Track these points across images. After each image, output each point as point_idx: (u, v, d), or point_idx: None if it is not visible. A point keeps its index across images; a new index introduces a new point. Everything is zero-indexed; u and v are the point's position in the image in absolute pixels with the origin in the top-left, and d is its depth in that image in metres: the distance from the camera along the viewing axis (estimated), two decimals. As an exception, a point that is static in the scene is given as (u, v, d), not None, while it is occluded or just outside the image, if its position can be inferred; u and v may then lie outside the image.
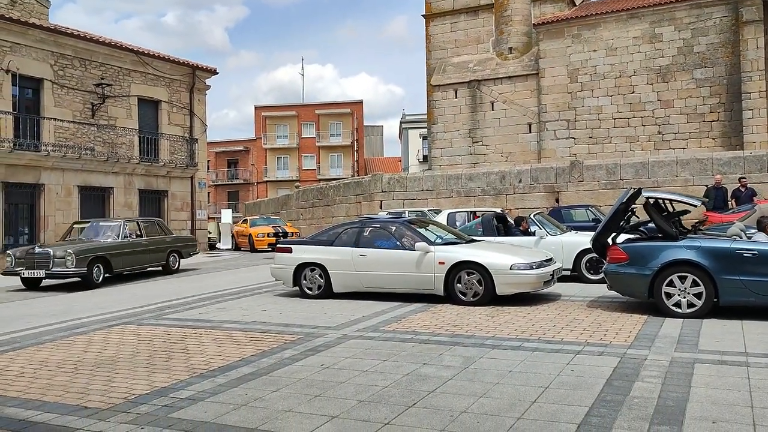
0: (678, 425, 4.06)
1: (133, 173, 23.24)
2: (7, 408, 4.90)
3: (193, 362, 6.18)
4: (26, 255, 13.72)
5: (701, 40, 25.56)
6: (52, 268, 13.32)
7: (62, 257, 13.33)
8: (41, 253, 13.54)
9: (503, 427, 4.10)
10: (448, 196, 20.92)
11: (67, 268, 13.29)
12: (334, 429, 4.18)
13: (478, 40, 31.08)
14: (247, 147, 59.76)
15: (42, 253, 13.52)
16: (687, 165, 17.85)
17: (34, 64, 20.39)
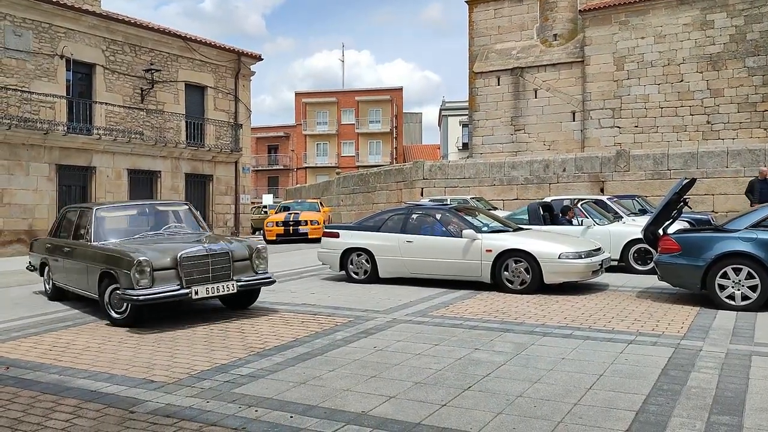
0: (739, 415, 4.04)
1: (180, 157, 23.72)
2: (78, 379, 5.14)
3: (249, 341, 6.36)
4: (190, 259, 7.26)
5: (755, 27, 24.79)
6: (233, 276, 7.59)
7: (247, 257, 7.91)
8: (220, 253, 7.51)
9: (560, 413, 4.15)
10: (491, 184, 20.83)
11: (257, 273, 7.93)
12: (392, 408, 4.28)
13: (521, 26, 30.70)
14: (287, 133, 60.27)
15: (221, 253, 7.52)
16: (738, 156, 17.42)
17: (87, 49, 20.92)
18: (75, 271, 8.29)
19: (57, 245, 9.04)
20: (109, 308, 7.37)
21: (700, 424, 3.89)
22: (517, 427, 3.91)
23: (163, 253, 7.19)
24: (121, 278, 7.05)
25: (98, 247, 7.82)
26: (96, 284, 7.55)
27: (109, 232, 8.18)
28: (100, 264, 7.52)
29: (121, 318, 7.25)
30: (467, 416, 4.10)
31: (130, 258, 6.97)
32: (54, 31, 19.99)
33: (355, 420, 4.07)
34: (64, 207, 10.22)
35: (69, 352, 6.10)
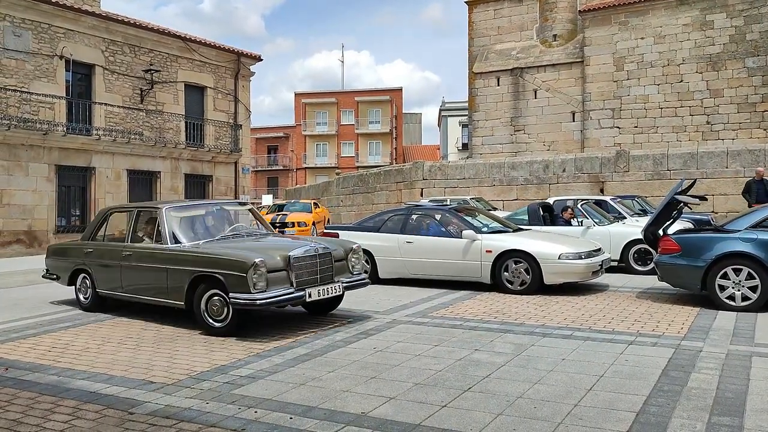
0: (739, 416, 4.04)
1: (180, 158, 23.71)
2: (77, 381, 5.12)
3: (248, 342, 6.35)
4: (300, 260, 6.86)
5: (754, 27, 24.79)
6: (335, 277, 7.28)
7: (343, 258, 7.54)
8: (324, 253, 7.14)
9: (561, 414, 4.14)
10: (491, 184, 20.81)
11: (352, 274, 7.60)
12: (392, 410, 4.27)
13: (521, 27, 30.70)
14: (287, 133, 60.26)
15: (325, 253, 7.15)
16: (738, 156, 17.41)
17: (86, 50, 20.91)
18: (143, 278, 7.51)
19: (106, 249, 8.19)
20: (206, 316, 6.75)
21: (701, 425, 3.88)
22: (517, 428, 3.90)
23: (273, 254, 6.69)
24: (230, 282, 6.42)
25: (188, 250, 7.09)
26: (183, 291, 6.89)
27: (187, 233, 7.49)
28: (193, 268, 6.83)
29: (222, 326, 6.64)
30: (467, 417, 4.09)
31: (245, 260, 6.40)
32: (53, 32, 19.98)
33: (355, 421, 4.06)
34: (105, 208, 9.07)
35: (68, 353, 6.09)
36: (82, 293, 8.60)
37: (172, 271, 7.10)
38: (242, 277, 6.35)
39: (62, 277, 8.97)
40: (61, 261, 9.04)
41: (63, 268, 8.96)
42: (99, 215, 8.90)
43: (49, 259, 9.37)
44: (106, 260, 8.13)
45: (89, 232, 8.83)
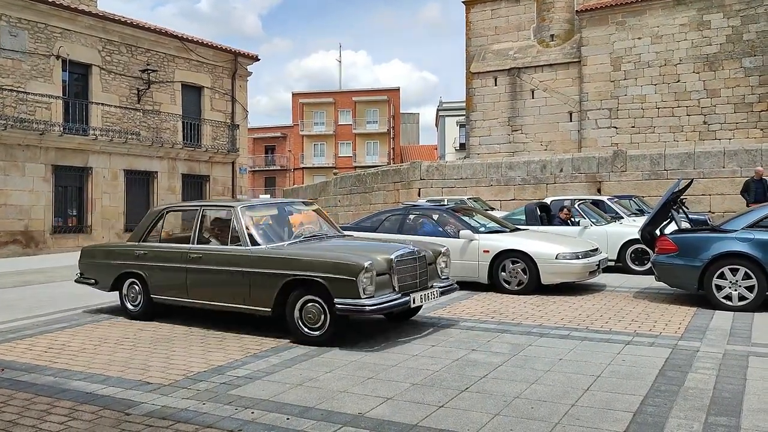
0: (736, 416, 4.04)
1: (177, 158, 23.68)
2: (73, 381, 5.11)
3: (245, 342, 6.34)
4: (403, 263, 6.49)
5: (751, 27, 24.82)
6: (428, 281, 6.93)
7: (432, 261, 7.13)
8: (421, 256, 6.76)
9: (558, 414, 4.14)
10: (488, 184, 20.81)
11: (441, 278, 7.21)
12: (389, 410, 4.26)
13: (519, 27, 30.71)
14: (284, 133, 60.22)
15: (421, 256, 6.76)
16: (735, 156, 17.43)
17: (83, 50, 20.87)
18: (217, 283, 6.91)
19: (166, 252, 7.49)
20: (299, 324, 6.25)
21: (698, 425, 3.89)
22: (514, 428, 3.90)
23: (376, 257, 6.20)
24: (336, 287, 5.95)
25: (277, 253, 6.54)
26: (272, 296, 6.38)
27: (264, 234, 6.95)
28: (285, 271, 6.29)
29: (318, 335, 6.14)
30: (464, 418, 4.09)
31: (354, 263, 5.95)
32: (50, 32, 19.94)
33: (352, 422, 4.05)
34: (159, 207, 8.38)
35: (65, 353, 6.07)
36: (129, 300, 7.84)
37: (258, 275, 6.53)
38: (351, 281, 5.89)
39: (102, 281, 8.19)
40: (102, 264, 8.21)
41: (104, 271, 8.13)
42: (152, 215, 8.10)
43: (85, 261, 8.51)
44: (166, 263, 7.40)
45: (140, 232, 8.02)
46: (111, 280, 8.01)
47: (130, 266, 7.81)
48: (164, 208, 8.12)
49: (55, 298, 9.73)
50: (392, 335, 6.56)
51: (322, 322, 6.16)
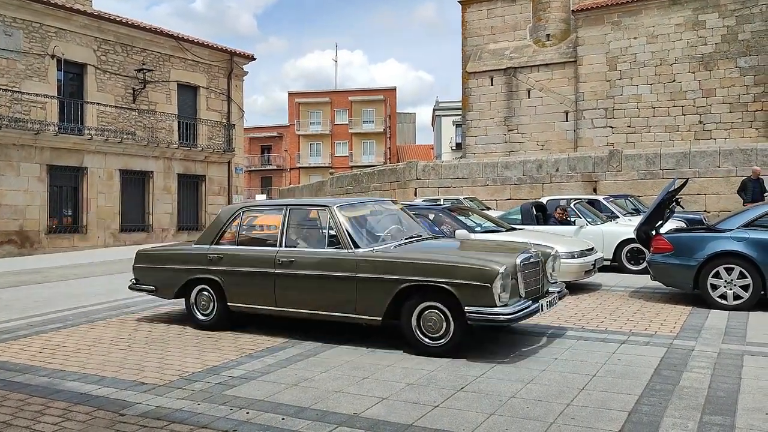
0: (731, 416, 4.04)
1: (172, 158, 23.63)
2: (67, 382, 5.09)
3: (240, 342, 6.33)
4: (528, 266, 6.02)
5: (746, 27, 24.89)
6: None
7: None
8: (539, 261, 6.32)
9: (553, 413, 4.14)
10: (484, 184, 20.83)
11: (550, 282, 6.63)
12: (385, 410, 4.26)
13: (515, 26, 30.74)
14: (281, 133, 60.19)
15: (540, 261, 6.34)
16: (730, 155, 17.48)
17: (78, 49, 20.81)
18: (314, 289, 6.30)
19: (248, 256, 6.84)
20: (417, 333, 5.72)
21: (693, 425, 3.89)
22: (509, 428, 3.90)
23: (502, 260, 5.67)
24: (466, 294, 5.45)
25: (391, 256, 5.97)
26: (384, 304, 5.83)
27: (366, 235, 6.45)
28: (401, 276, 5.74)
29: (440, 345, 5.63)
30: (460, 417, 4.09)
31: (488, 268, 5.45)
32: (45, 31, 19.88)
33: (347, 422, 4.05)
34: (233, 206, 7.66)
35: (59, 354, 6.05)
36: (200, 309, 7.12)
37: (367, 281, 5.95)
38: (485, 288, 5.39)
39: (163, 288, 7.44)
40: (164, 270, 7.45)
41: (167, 278, 7.38)
42: (226, 215, 7.38)
43: (141, 266, 7.74)
44: (249, 268, 6.72)
45: (212, 234, 7.28)
46: (176, 287, 7.26)
47: (201, 272, 7.06)
48: (240, 208, 7.44)
49: (50, 299, 9.71)
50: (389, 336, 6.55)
51: (444, 331, 5.64)
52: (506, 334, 6.47)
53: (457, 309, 5.54)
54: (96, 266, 14.84)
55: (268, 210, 7.80)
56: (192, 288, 7.18)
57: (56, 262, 15.38)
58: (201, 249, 7.21)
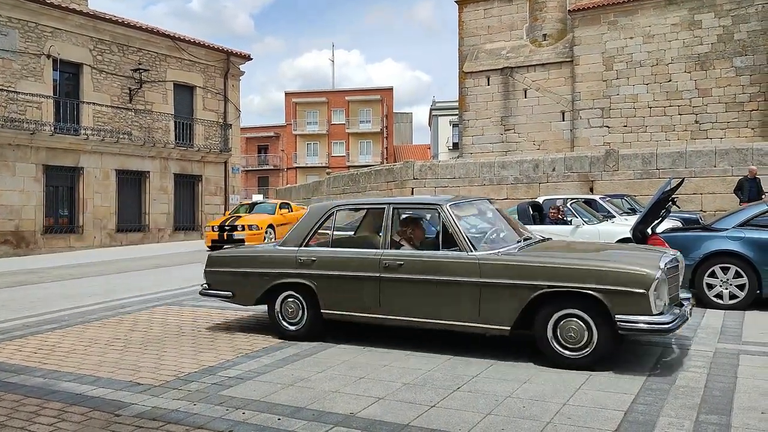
0: (726, 415, 4.05)
1: (169, 158, 23.60)
2: (63, 382, 5.07)
3: (237, 342, 6.32)
4: (669, 272, 5.56)
5: (742, 27, 24.96)
6: None
7: None
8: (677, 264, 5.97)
9: (549, 413, 4.14)
10: (481, 184, 20.83)
11: None
12: (381, 410, 4.25)
13: (511, 26, 30.76)
14: (277, 133, 60.14)
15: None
16: (726, 155, 17.51)
17: (74, 49, 20.77)
18: (428, 296, 5.73)
19: (346, 258, 6.23)
20: (554, 344, 5.25)
21: (689, 424, 3.89)
22: (505, 427, 3.90)
23: (650, 263, 5.26)
24: (617, 301, 5.00)
25: (524, 260, 5.51)
26: (515, 312, 5.38)
27: (485, 237, 5.99)
28: (535, 282, 5.29)
29: (579, 356, 5.16)
30: (456, 417, 4.08)
31: (644, 273, 5.02)
32: (40, 31, 19.83)
33: (344, 422, 4.04)
34: (325, 205, 6.89)
35: (55, 354, 6.04)
36: (287, 317, 6.46)
37: (494, 287, 5.47)
38: (641, 295, 4.95)
39: (242, 294, 6.79)
40: (244, 274, 6.76)
41: (247, 282, 6.71)
42: (316, 214, 6.73)
43: (215, 270, 7.04)
44: (349, 272, 6.13)
45: (301, 235, 6.62)
46: (258, 293, 6.61)
47: (290, 276, 6.42)
48: (333, 207, 6.74)
49: (45, 299, 9.68)
50: (383, 334, 6.55)
51: (585, 341, 5.15)
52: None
53: (602, 317, 5.09)
54: (92, 266, 14.81)
55: (366, 209, 7.30)
56: (277, 294, 6.54)
57: (52, 263, 15.34)
58: (288, 251, 6.56)
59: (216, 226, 18.88)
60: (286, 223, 19.53)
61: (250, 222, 18.74)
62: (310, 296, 6.35)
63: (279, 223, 19.43)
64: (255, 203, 21.91)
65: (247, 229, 18.39)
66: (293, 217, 20.29)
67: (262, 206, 21.29)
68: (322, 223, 6.65)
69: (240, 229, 18.37)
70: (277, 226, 19.22)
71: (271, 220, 19.42)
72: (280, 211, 20.43)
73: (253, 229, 18.43)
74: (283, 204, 21.57)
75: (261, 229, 18.47)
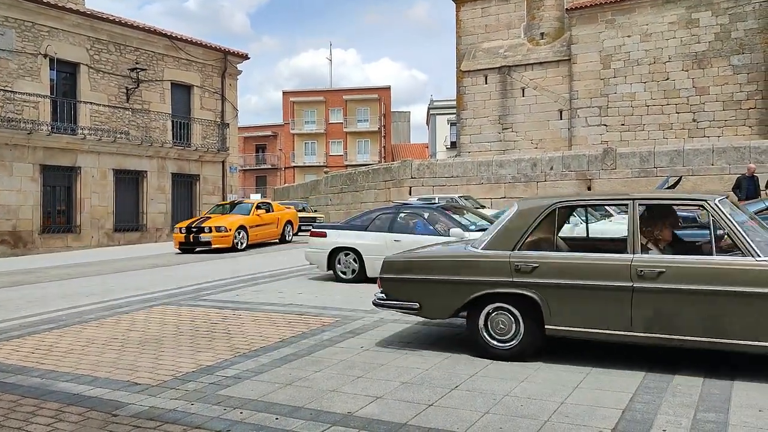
0: (724, 413, 4.05)
1: (166, 157, 23.58)
2: (60, 383, 5.06)
3: (235, 342, 6.31)
4: None
5: (739, 25, 24.99)
6: None
7: None
8: None
9: (547, 411, 4.14)
10: (479, 183, 20.85)
11: None
12: (379, 409, 4.25)
13: (509, 25, 30.77)
14: (275, 132, 60.11)
15: None
16: (723, 153, 17.55)
17: (71, 48, 20.73)
18: (702, 310, 4.82)
19: (585, 265, 5.26)
20: None
21: (686, 422, 3.89)
22: (503, 426, 3.90)
23: None
24: None
25: None
26: None
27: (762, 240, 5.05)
28: None
29: None
30: (454, 416, 4.08)
31: None
32: (37, 30, 19.79)
33: (342, 421, 4.04)
34: (542, 201, 5.79)
35: (52, 354, 6.02)
36: (497, 333, 5.53)
37: None
38: None
39: (432, 306, 5.83)
40: (437, 282, 5.80)
41: (441, 292, 5.76)
42: (532, 213, 5.65)
43: (397, 278, 6.05)
44: (587, 281, 5.19)
45: (514, 237, 5.59)
46: (457, 305, 5.67)
47: (502, 285, 5.48)
48: (553, 203, 5.64)
49: (43, 299, 9.67)
50: (381, 334, 6.54)
51: None
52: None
53: None
54: (89, 266, 14.78)
55: (596, 205, 6.15)
56: (482, 306, 5.60)
57: (50, 262, 15.32)
58: (498, 255, 5.57)
59: (183, 227, 17.94)
60: (262, 224, 18.77)
61: (218, 224, 17.75)
62: (530, 309, 5.41)
63: (253, 225, 18.43)
64: (235, 203, 20.77)
65: (214, 230, 17.50)
66: (271, 218, 19.52)
67: (241, 206, 19.97)
68: (541, 223, 5.62)
69: (207, 231, 17.49)
70: (251, 227, 18.27)
71: (243, 222, 18.21)
72: (256, 212, 19.07)
73: (220, 231, 17.51)
74: (262, 204, 20.14)
75: (230, 231, 17.54)
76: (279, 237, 19.86)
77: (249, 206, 19.51)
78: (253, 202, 20.17)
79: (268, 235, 19.25)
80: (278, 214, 20.04)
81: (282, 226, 20.01)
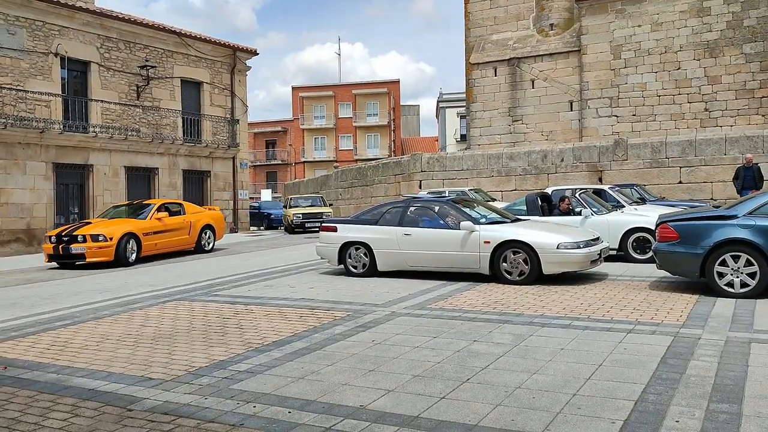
0: (738, 403, 4.03)
1: (177, 154, 23.68)
2: (76, 378, 5.12)
3: (247, 337, 6.35)
4: None
5: (751, 13, 24.68)
6: None
7: None
8: None
9: (559, 403, 4.13)
10: (489, 175, 20.79)
11: None
12: (390, 402, 4.26)
13: (518, 16, 30.56)
14: (285, 127, 60.17)
15: None
16: (736, 143, 17.38)
17: (82, 47, 20.84)
18: None
19: None
20: None
21: (699, 413, 3.88)
22: (515, 418, 3.90)
23: None
24: None
25: None
26: None
27: None
28: None
29: None
30: (466, 409, 4.09)
31: None
32: (48, 29, 19.91)
33: (354, 414, 4.05)
34: None
35: (67, 350, 6.09)
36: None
37: None
38: None
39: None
40: None
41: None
42: None
43: None
44: None
45: None
46: None
47: None
48: None
49: (57, 296, 9.76)
50: (393, 327, 6.56)
51: None
52: (511, 324, 6.46)
53: None
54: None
55: None
56: None
57: (63, 260, 15.43)
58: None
59: (53, 236, 14.37)
60: (164, 230, 15.38)
61: (95, 231, 14.04)
62: None
63: (150, 231, 14.93)
64: (137, 203, 16.87)
65: (89, 240, 13.82)
66: (179, 222, 15.98)
67: (141, 208, 16.06)
68: None
69: (80, 241, 13.83)
70: (146, 234, 14.75)
71: (131, 228, 14.50)
72: (157, 214, 15.45)
73: (99, 240, 13.84)
74: (167, 205, 16.40)
75: (111, 241, 13.86)
76: (194, 245, 16.41)
77: (149, 208, 15.78)
78: (155, 203, 16.36)
79: (175, 243, 15.77)
80: (191, 217, 16.46)
81: (197, 232, 16.44)
